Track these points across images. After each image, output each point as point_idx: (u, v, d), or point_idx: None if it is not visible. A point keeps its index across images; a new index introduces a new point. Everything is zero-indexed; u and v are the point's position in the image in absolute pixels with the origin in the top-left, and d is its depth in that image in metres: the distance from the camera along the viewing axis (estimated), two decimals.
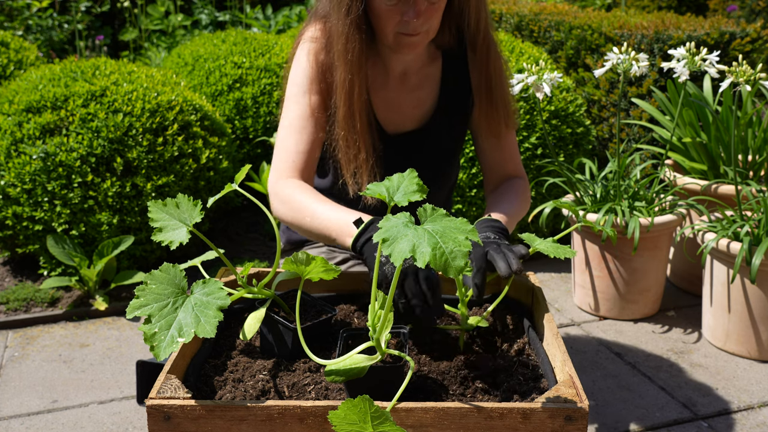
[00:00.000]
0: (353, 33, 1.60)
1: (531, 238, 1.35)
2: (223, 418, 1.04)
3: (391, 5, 1.57)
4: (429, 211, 1.02)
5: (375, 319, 1.10)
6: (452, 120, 1.83)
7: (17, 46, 4.25)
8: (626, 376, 2.36)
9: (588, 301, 2.79)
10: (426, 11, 1.58)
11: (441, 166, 1.89)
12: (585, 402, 1.04)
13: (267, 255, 3.24)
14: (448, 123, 1.83)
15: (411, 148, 1.81)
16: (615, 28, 3.50)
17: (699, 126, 2.87)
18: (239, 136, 3.62)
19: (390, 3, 1.57)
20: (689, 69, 2.33)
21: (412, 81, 1.79)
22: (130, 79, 3.06)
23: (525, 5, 4.51)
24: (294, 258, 1.21)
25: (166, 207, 1.21)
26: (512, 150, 1.86)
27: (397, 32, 1.61)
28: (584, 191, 2.74)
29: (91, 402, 2.21)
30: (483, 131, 1.82)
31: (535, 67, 2.14)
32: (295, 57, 1.75)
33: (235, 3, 6.51)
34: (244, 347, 1.32)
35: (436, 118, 1.81)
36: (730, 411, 2.17)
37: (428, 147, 1.83)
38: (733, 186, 2.64)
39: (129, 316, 1.05)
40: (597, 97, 3.57)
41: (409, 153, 1.81)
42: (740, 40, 3.31)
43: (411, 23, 1.58)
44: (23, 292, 2.79)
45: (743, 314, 2.42)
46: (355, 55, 1.61)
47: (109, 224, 2.78)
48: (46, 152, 2.75)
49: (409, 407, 1.03)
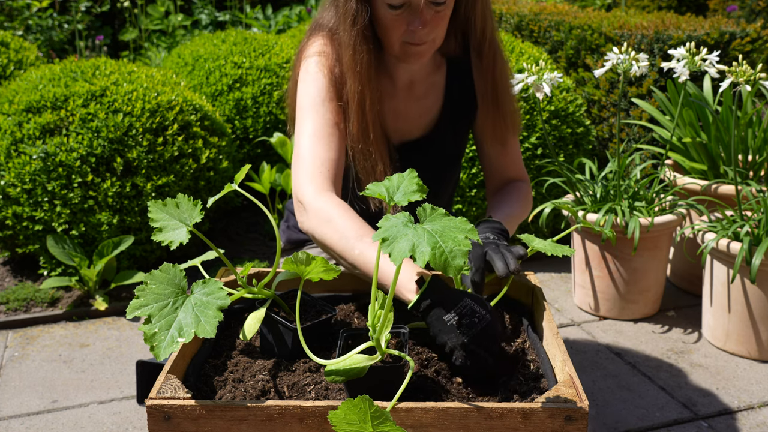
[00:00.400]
0: (360, 44, 1.58)
1: (529, 237, 1.35)
2: (223, 418, 1.04)
3: (397, 15, 1.55)
4: (428, 211, 1.02)
5: (375, 319, 1.10)
6: (456, 126, 1.83)
7: (17, 46, 4.25)
8: (626, 376, 2.36)
9: (588, 301, 2.79)
10: (432, 20, 1.55)
11: (445, 171, 1.89)
12: (585, 402, 1.04)
13: (267, 255, 3.24)
14: (452, 129, 1.82)
15: (416, 156, 1.80)
16: (615, 28, 3.50)
17: (699, 126, 2.87)
18: (239, 136, 3.62)
19: (395, 13, 1.54)
20: (689, 69, 2.33)
21: (419, 90, 1.77)
22: (130, 79, 3.06)
23: (525, 5, 4.51)
24: (294, 258, 1.21)
25: (166, 207, 1.21)
26: (515, 155, 1.86)
27: (403, 42, 1.59)
28: (584, 191, 2.74)
29: (91, 402, 2.21)
30: (488, 138, 1.80)
31: (535, 67, 2.14)
32: (304, 71, 1.68)
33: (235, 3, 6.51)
34: (244, 347, 1.32)
35: (440, 126, 1.80)
36: (730, 411, 2.17)
37: (433, 154, 1.82)
38: (733, 186, 2.64)
39: (129, 316, 1.05)
40: (597, 97, 3.57)
41: (415, 161, 1.80)
42: (740, 40, 3.31)
43: (417, 33, 1.56)
44: (23, 292, 2.79)
45: (743, 314, 2.42)
46: (363, 66, 1.59)
47: (109, 224, 2.78)
48: (46, 152, 2.75)
49: (409, 407, 1.03)
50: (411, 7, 1.54)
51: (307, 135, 1.60)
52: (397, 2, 1.53)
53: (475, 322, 1.18)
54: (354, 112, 1.61)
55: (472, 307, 1.20)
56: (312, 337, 1.26)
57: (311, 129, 1.60)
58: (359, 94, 1.60)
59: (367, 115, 1.61)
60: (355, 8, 1.56)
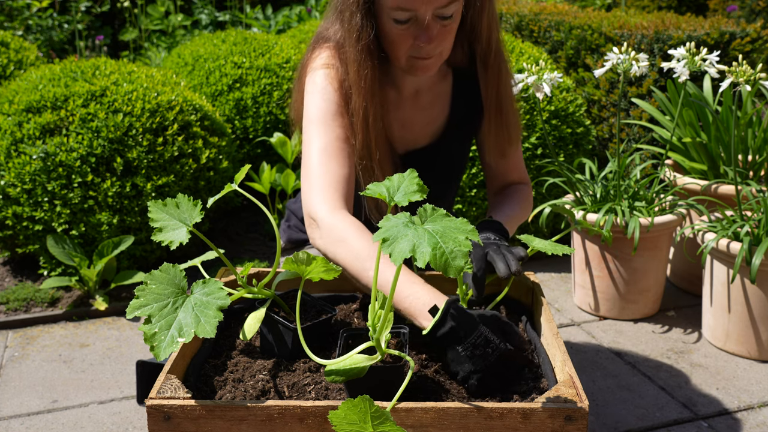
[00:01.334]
0: (365, 59, 1.55)
1: (529, 238, 1.35)
2: (223, 418, 1.04)
3: (403, 30, 1.52)
4: (429, 211, 1.02)
5: (375, 319, 1.10)
6: (462, 135, 1.82)
7: (17, 46, 4.25)
8: (626, 376, 2.36)
9: (588, 301, 2.79)
10: (439, 34, 1.53)
11: (451, 178, 1.89)
12: (585, 402, 1.04)
13: (267, 255, 3.24)
14: (458, 138, 1.81)
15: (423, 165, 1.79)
16: (615, 28, 3.50)
17: (699, 126, 2.87)
18: (239, 136, 3.62)
19: (401, 27, 1.52)
20: (689, 69, 2.33)
21: (425, 99, 1.76)
22: (130, 79, 3.06)
23: (525, 5, 4.51)
24: (294, 258, 1.21)
25: (166, 207, 1.21)
26: (517, 161, 1.85)
27: (410, 56, 1.57)
28: (584, 191, 2.74)
29: (91, 402, 2.21)
30: (490, 148, 1.80)
31: (535, 67, 2.14)
32: (311, 82, 1.65)
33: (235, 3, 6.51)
34: (244, 347, 1.32)
35: (446, 134, 1.79)
36: (730, 411, 2.17)
37: (440, 162, 1.81)
38: (733, 186, 2.64)
39: (129, 316, 1.05)
40: (597, 97, 3.57)
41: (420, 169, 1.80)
42: (740, 40, 3.31)
43: (424, 47, 1.53)
44: (23, 292, 2.79)
45: (743, 314, 2.42)
46: (367, 82, 1.57)
47: (109, 224, 2.78)
48: (46, 152, 2.75)
49: (409, 407, 1.03)
50: (417, 21, 1.51)
51: (317, 150, 1.56)
52: (403, 17, 1.50)
53: (488, 353, 1.18)
54: (359, 127, 1.59)
55: (487, 336, 1.20)
56: (312, 337, 1.26)
57: (321, 144, 1.56)
58: (363, 110, 1.58)
59: (370, 131, 1.59)
60: (360, 24, 1.53)
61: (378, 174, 1.60)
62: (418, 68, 1.60)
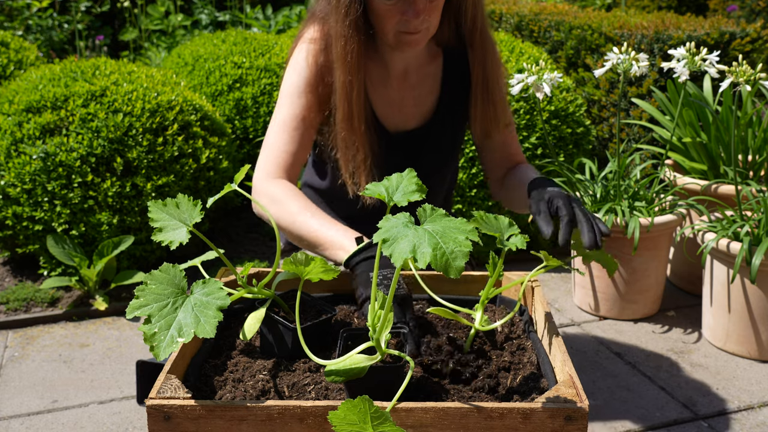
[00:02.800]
0: (352, 35, 1.60)
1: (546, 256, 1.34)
2: (223, 418, 1.04)
3: (391, 4, 1.57)
4: (429, 212, 1.01)
5: (375, 319, 1.10)
6: (453, 118, 1.84)
7: (17, 46, 4.25)
8: (626, 376, 2.36)
9: (588, 301, 2.79)
10: (425, 9, 1.58)
11: (441, 164, 1.89)
12: (585, 402, 1.04)
13: (267, 255, 3.24)
14: (449, 121, 1.83)
15: (412, 147, 1.82)
16: (615, 28, 3.50)
17: (699, 126, 2.87)
18: (239, 136, 3.62)
19: (389, 2, 1.57)
20: (689, 69, 2.33)
21: (413, 79, 1.79)
22: (130, 79, 3.06)
23: (525, 5, 4.51)
24: (294, 258, 1.21)
25: (166, 207, 1.21)
26: (513, 145, 1.88)
27: (397, 31, 1.61)
28: (584, 191, 2.74)
29: (91, 402, 2.21)
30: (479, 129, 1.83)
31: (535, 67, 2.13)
32: (292, 58, 1.75)
33: (235, 3, 6.51)
34: (244, 347, 1.32)
35: (437, 117, 1.82)
36: (730, 411, 2.17)
37: (429, 145, 1.83)
38: (733, 186, 2.64)
39: (129, 316, 1.05)
40: (597, 97, 3.57)
41: (410, 151, 1.82)
42: (740, 40, 3.31)
43: (411, 22, 1.58)
44: (23, 292, 2.79)
45: (743, 314, 2.42)
46: (353, 57, 1.61)
47: (109, 224, 2.78)
48: (46, 152, 2.75)
49: (409, 407, 1.03)
50: None
51: (276, 123, 1.71)
52: None
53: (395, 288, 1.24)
54: (340, 100, 1.65)
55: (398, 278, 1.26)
56: (312, 337, 1.25)
57: (281, 118, 1.70)
58: (348, 84, 1.63)
59: (353, 105, 1.65)
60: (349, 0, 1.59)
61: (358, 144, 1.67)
62: (405, 43, 1.64)
